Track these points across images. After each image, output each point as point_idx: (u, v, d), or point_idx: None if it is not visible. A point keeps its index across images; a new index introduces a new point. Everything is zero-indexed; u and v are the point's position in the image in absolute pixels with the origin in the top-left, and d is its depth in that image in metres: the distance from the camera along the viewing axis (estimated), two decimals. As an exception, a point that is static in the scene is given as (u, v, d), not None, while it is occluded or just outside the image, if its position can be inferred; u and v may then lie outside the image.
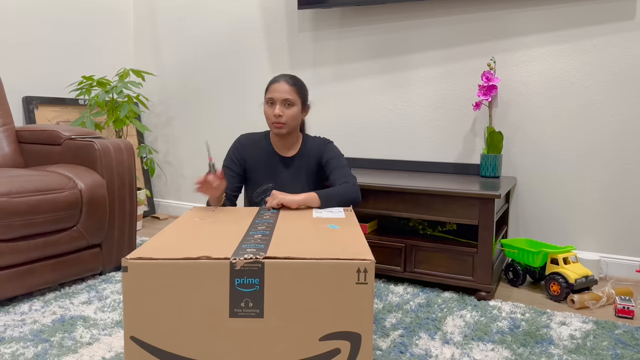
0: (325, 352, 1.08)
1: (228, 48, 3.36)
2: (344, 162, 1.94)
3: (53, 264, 2.05)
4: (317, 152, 1.97)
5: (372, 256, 1.09)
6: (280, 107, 1.85)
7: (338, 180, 1.87)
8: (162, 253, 1.10)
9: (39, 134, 2.42)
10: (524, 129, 2.53)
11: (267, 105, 1.89)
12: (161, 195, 3.77)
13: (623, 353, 1.59)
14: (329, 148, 1.97)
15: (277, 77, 1.90)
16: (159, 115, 3.72)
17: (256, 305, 1.08)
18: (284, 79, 1.88)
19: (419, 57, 2.75)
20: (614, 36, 2.31)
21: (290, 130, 1.90)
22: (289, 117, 1.86)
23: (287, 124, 1.87)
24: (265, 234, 1.29)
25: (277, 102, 1.86)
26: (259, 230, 1.33)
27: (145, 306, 1.08)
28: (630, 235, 2.35)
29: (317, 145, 1.98)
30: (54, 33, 3.20)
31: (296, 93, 1.88)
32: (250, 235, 1.27)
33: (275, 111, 1.84)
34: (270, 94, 1.88)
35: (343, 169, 1.91)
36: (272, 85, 1.89)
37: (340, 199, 1.76)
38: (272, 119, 1.87)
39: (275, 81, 1.89)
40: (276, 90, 1.86)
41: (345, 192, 1.79)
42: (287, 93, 1.85)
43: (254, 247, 1.15)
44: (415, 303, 2.00)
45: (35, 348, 1.58)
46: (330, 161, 1.93)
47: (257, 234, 1.29)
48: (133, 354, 1.09)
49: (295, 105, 1.88)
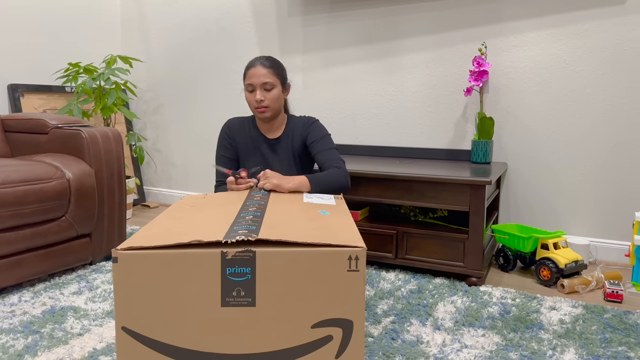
0: (317, 339, 1.09)
1: (217, 33, 3.32)
2: (331, 144, 1.90)
3: (42, 254, 2.03)
4: (302, 132, 1.93)
5: (363, 243, 1.08)
6: (261, 91, 1.83)
7: (326, 163, 1.83)
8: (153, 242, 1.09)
9: (25, 122, 2.38)
10: (515, 115, 2.52)
11: (247, 91, 1.87)
12: (151, 183, 3.74)
13: (612, 337, 1.61)
14: (314, 128, 1.93)
15: (252, 62, 1.86)
16: (147, 102, 3.67)
17: (248, 294, 1.07)
18: (260, 63, 1.84)
19: (410, 42, 2.73)
20: (605, 20, 2.31)
21: (274, 113, 1.88)
22: (270, 100, 1.84)
23: (270, 107, 1.85)
24: (256, 215, 1.28)
25: (257, 87, 1.83)
26: (250, 212, 1.32)
27: (137, 296, 1.07)
28: (620, 220, 2.36)
29: (301, 124, 1.95)
30: (39, 19, 3.14)
31: (274, 75, 1.85)
32: (242, 217, 1.26)
33: (257, 97, 1.82)
34: (248, 79, 1.85)
35: (330, 152, 1.87)
36: (249, 70, 1.85)
37: (330, 185, 1.74)
38: (255, 105, 1.85)
39: (251, 66, 1.85)
40: (254, 75, 1.83)
41: (335, 178, 1.76)
42: (265, 76, 1.82)
43: (246, 228, 1.14)
44: (407, 289, 2.01)
45: (26, 340, 1.57)
46: (316, 142, 1.89)
47: (248, 215, 1.28)
48: (125, 345, 1.08)
49: (275, 87, 1.85)
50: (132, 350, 1.08)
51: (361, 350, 1.09)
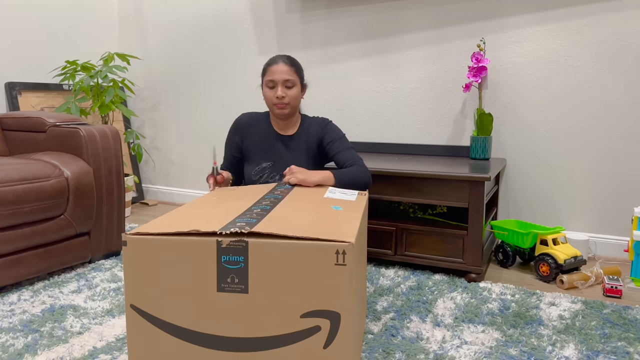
0: (306, 328, 1.13)
1: (215, 30, 3.30)
2: (349, 144, 1.94)
3: (41, 253, 2.03)
4: (318, 132, 1.96)
5: (353, 239, 1.11)
6: (282, 88, 1.85)
7: (347, 162, 1.87)
8: (160, 228, 1.18)
9: (22, 121, 2.37)
10: (514, 110, 2.52)
11: (268, 87, 1.88)
12: (150, 181, 3.73)
13: (611, 332, 1.61)
14: (330, 128, 1.96)
15: (274, 59, 1.88)
16: (145, 99, 3.66)
17: (241, 282, 1.14)
18: (282, 60, 1.87)
19: (408, 38, 2.72)
20: (604, 16, 2.30)
21: (292, 110, 1.91)
22: (291, 97, 1.87)
23: (290, 104, 1.88)
24: (265, 209, 1.34)
25: (279, 84, 1.85)
26: (262, 205, 1.39)
27: (143, 277, 1.17)
28: (619, 215, 2.37)
29: (316, 124, 1.97)
30: (36, 17, 3.12)
31: (295, 73, 1.88)
32: (250, 210, 1.33)
33: (278, 93, 1.84)
34: (270, 76, 1.87)
35: (349, 151, 1.91)
36: (270, 67, 1.87)
37: (353, 181, 1.78)
38: (275, 101, 1.87)
39: (273, 62, 1.87)
40: (276, 71, 1.85)
41: (359, 175, 1.81)
42: (287, 74, 1.85)
43: (246, 221, 1.21)
44: (406, 286, 2.01)
45: (25, 339, 1.57)
46: (335, 142, 1.92)
47: (257, 208, 1.35)
48: (133, 321, 1.19)
49: (295, 86, 1.88)
50: (139, 326, 1.18)
51: (349, 343, 1.12)
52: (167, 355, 1.18)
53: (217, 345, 1.17)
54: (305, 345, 1.13)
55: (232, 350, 1.16)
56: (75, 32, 3.38)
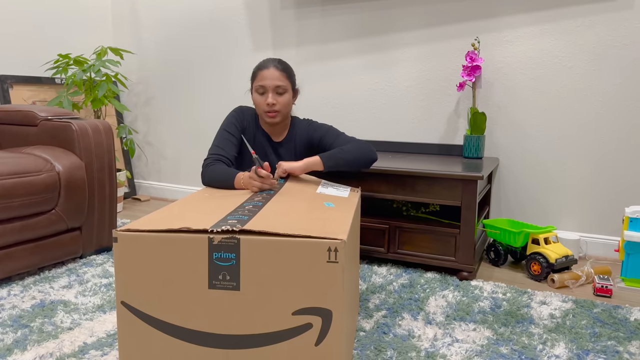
0: (298, 325, 1.13)
1: (209, 25, 3.29)
2: (338, 131, 1.90)
3: (32, 247, 2.01)
4: (304, 136, 1.93)
5: (345, 236, 1.10)
6: (273, 95, 1.76)
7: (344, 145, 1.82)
8: (152, 225, 1.17)
9: (13, 114, 2.35)
10: (507, 110, 2.53)
11: (258, 93, 1.79)
12: (142, 177, 3.71)
13: (601, 331, 1.62)
14: (315, 128, 1.92)
15: (265, 63, 1.79)
16: (138, 94, 3.64)
17: (233, 279, 1.14)
18: (273, 65, 1.77)
19: (403, 37, 2.72)
20: (598, 16, 2.31)
21: (283, 118, 1.83)
22: (282, 105, 1.78)
23: (281, 112, 1.80)
24: (257, 205, 1.33)
25: (269, 90, 1.76)
26: (254, 202, 1.38)
27: (134, 274, 1.16)
28: (609, 215, 2.38)
29: (303, 128, 1.94)
30: (28, 9, 3.09)
31: (287, 78, 1.79)
32: (242, 207, 1.32)
33: (269, 100, 1.75)
34: (260, 81, 1.77)
35: (342, 136, 1.86)
36: (261, 71, 1.78)
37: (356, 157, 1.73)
38: (265, 108, 1.78)
39: (264, 67, 1.78)
40: (266, 77, 1.76)
41: (359, 149, 1.74)
42: (279, 79, 1.76)
43: (237, 218, 1.20)
44: (399, 284, 2.01)
45: (15, 334, 1.56)
46: (325, 137, 1.88)
47: (249, 204, 1.34)
48: (124, 318, 1.18)
49: (287, 92, 1.79)
50: (130, 323, 1.18)
51: (340, 340, 1.13)
52: (158, 353, 1.18)
53: (208, 342, 1.16)
54: (296, 343, 1.13)
55: (223, 348, 1.16)
56: (68, 26, 3.35)
